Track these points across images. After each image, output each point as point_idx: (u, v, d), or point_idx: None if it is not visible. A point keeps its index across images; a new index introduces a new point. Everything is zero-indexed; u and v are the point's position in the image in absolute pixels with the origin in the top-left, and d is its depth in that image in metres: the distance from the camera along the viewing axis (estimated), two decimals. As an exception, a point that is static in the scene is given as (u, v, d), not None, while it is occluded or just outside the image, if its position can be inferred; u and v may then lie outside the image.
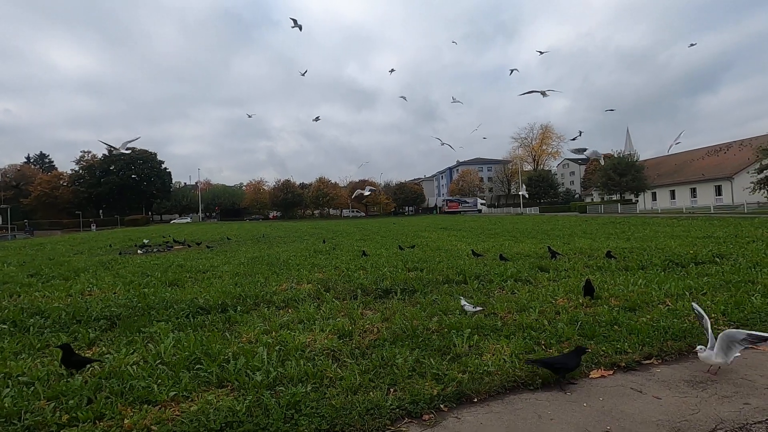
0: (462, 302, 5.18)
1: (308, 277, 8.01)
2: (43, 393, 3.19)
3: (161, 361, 3.76)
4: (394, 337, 4.24)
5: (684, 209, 43.77)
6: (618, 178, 56.23)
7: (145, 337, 4.61)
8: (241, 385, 3.26)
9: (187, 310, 5.60)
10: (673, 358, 3.68)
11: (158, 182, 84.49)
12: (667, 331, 4.11)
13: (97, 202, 79.80)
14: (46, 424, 2.76)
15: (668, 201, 57.61)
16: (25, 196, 77.84)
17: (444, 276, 7.36)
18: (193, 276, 8.82)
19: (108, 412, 2.89)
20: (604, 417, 2.76)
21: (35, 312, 5.69)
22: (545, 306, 5.21)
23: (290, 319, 5.07)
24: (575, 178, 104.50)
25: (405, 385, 3.19)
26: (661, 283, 6.10)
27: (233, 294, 6.39)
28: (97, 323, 5.17)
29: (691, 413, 2.76)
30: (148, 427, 2.70)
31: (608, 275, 7.07)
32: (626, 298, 5.41)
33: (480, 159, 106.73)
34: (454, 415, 2.85)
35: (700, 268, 7.40)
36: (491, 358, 3.61)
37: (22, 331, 4.99)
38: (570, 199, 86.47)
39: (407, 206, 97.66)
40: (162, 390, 3.17)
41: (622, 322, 4.43)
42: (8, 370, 3.68)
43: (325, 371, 3.45)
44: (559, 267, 7.98)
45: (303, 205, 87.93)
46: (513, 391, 3.16)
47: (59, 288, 7.72)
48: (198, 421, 2.72)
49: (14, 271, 10.72)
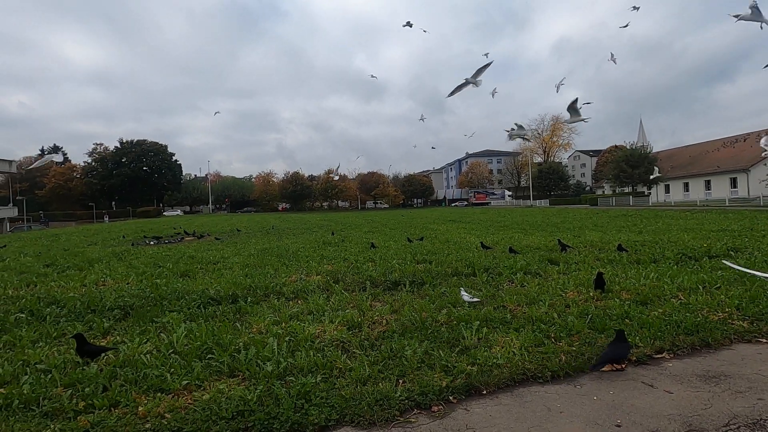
0: (461, 292, 5.29)
1: (317, 268, 8.05)
2: (60, 380, 3.27)
3: (174, 351, 3.82)
4: (403, 328, 4.25)
5: (698, 202, 43.04)
6: (630, 170, 55.39)
7: (158, 326, 4.69)
8: (252, 374, 3.30)
9: (198, 300, 5.67)
10: (685, 353, 3.63)
11: (169, 174, 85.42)
12: (680, 326, 4.06)
13: (110, 194, 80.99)
14: (64, 411, 2.83)
15: (682, 193, 56.58)
16: (40, 188, 79.33)
17: (453, 268, 7.35)
18: (203, 267, 8.92)
19: (123, 400, 2.95)
20: (614, 411, 2.74)
21: (51, 301, 5.81)
22: (555, 299, 5.18)
23: (300, 310, 5.12)
24: (586, 170, 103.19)
25: (414, 376, 3.20)
26: (673, 277, 6.02)
27: (243, 285, 6.45)
28: (111, 313, 5.26)
29: (703, 408, 2.73)
30: (162, 415, 2.75)
31: (619, 268, 7.00)
32: (638, 291, 5.35)
33: (489, 151, 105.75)
34: (463, 407, 2.86)
35: (713, 261, 7.28)
36: (500, 351, 3.60)
37: (39, 319, 5.11)
38: (581, 191, 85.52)
39: (416, 198, 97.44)
40: (175, 379, 3.23)
41: (633, 315, 4.39)
42: (26, 357, 3.77)
43: (334, 362, 3.48)
44: (569, 260, 7.91)
45: (312, 197, 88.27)
46: (522, 384, 3.15)
47: (74, 278, 7.87)
48: (210, 409, 2.76)
49: (31, 261, 10.95)
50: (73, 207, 79.68)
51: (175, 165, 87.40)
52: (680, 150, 62.56)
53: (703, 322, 4.12)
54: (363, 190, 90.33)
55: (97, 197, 79.65)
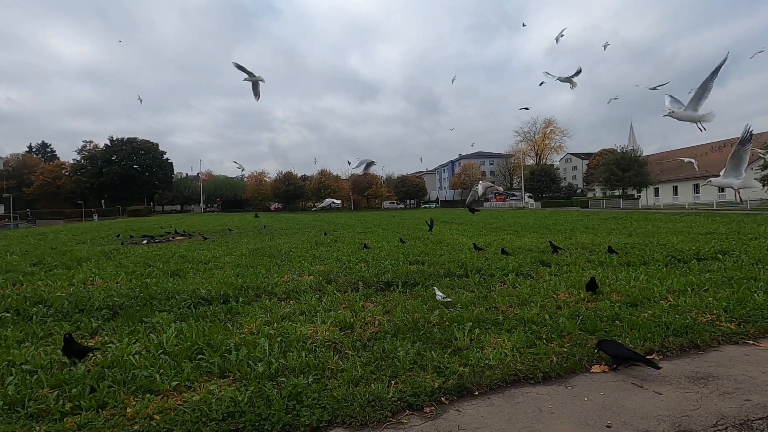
0: (435, 291, 5.48)
1: (310, 269, 8.02)
2: (47, 381, 3.21)
3: (163, 351, 3.77)
4: (395, 329, 4.25)
5: (686, 205, 43.61)
6: (621, 173, 56.02)
7: (148, 326, 4.63)
8: (243, 375, 3.27)
9: (189, 300, 5.62)
10: (674, 354, 3.67)
11: (160, 173, 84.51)
12: (669, 327, 4.11)
13: (99, 192, 79.96)
14: (50, 412, 2.78)
15: (671, 197, 57.39)
16: (27, 185, 78.03)
17: (445, 269, 7.36)
18: (194, 267, 8.84)
19: (111, 401, 2.91)
20: (604, 411, 2.76)
21: (38, 301, 5.72)
22: (547, 300, 5.21)
23: (292, 310, 5.09)
24: (578, 172, 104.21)
25: (406, 377, 3.20)
26: (663, 279, 6.09)
27: (235, 285, 6.40)
28: (99, 313, 5.19)
29: (692, 409, 2.76)
30: (151, 416, 2.71)
31: (610, 270, 7.06)
32: (628, 293, 5.40)
33: (482, 153, 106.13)
34: (455, 408, 2.86)
35: (702, 264, 7.38)
36: (492, 352, 3.61)
37: (25, 319, 5.02)
38: (572, 193, 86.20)
39: (408, 199, 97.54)
40: (164, 379, 3.19)
41: (623, 317, 4.43)
42: (11, 358, 3.70)
43: (326, 363, 3.46)
44: (560, 261, 7.97)
45: (305, 197, 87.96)
46: (514, 385, 3.17)
47: (62, 277, 7.75)
48: (200, 410, 2.73)
49: (17, 260, 10.77)
50: (62, 205, 78.50)
51: (166, 163, 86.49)
52: (669, 154, 63.34)
53: (692, 324, 4.17)
54: (356, 190, 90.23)
55: (86, 195, 78.58)
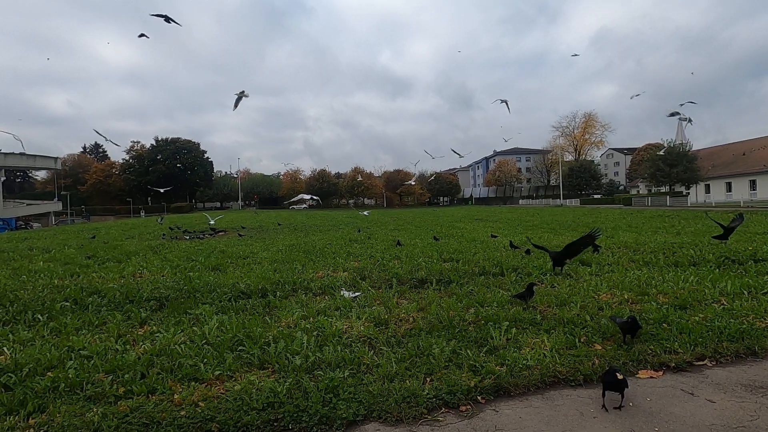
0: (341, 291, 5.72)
1: (344, 265, 8.11)
2: (102, 366, 3.42)
3: (206, 342, 3.93)
4: (429, 327, 4.23)
5: (742, 202, 40.75)
6: (668, 169, 52.99)
7: (191, 318, 4.84)
8: (281, 367, 3.36)
9: (229, 293, 5.83)
10: (729, 361, 3.45)
11: (201, 171, 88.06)
12: (723, 332, 3.86)
13: (146, 190, 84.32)
14: (105, 395, 2.97)
15: (723, 194, 53.80)
16: (81, 183, 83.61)
17: (480, 267, 7.25)
18: (234, 261, 9.15)
19: (159, 387, 3.07)
20: (651, 418, 2.63)
21: (93, 291, 6.10)
22: (587, 301, 5.02)
23: (327, 305, 5.17)
24: (620, 168, 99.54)
25: (441, 375, 3.18)
26: (715, 281, 5.73)
27: (272, 280, 6.58)
28: (147, 303, 5.48)
29: (749, 419, 2.59)
30: (196, 403, 2.84)
31: (656, 271, 6.71)
32: (676, 295, 5.11)
33: (518, 149, 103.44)
34: (492, 408, 2.82)
35: (760, 265, 6.87)
36: (530, 352, 3.53)
37: (81, 308, 5.37)
38: (614, 190, 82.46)
39: (442, 197, 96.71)
40: (208, 369, 3.32)
41: (671, 320, 4.20)
42: (71, 344, 3.97)
43: (361, 358, 3.49)
44: (601, 261, 7.66)
45: (338, 195, 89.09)
46: (553, 387, 3.08)
47: (113, 270, 8.24)
48: (242, 399, 2.83)
49: (74, 253, 11.53)
50: (112, 202, 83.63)
51: (206, 162, 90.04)
52: (723, 148, 59.36)
53: (749, 329, 3.89)
54: (389, 187, 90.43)
55: (134, 193, 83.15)
